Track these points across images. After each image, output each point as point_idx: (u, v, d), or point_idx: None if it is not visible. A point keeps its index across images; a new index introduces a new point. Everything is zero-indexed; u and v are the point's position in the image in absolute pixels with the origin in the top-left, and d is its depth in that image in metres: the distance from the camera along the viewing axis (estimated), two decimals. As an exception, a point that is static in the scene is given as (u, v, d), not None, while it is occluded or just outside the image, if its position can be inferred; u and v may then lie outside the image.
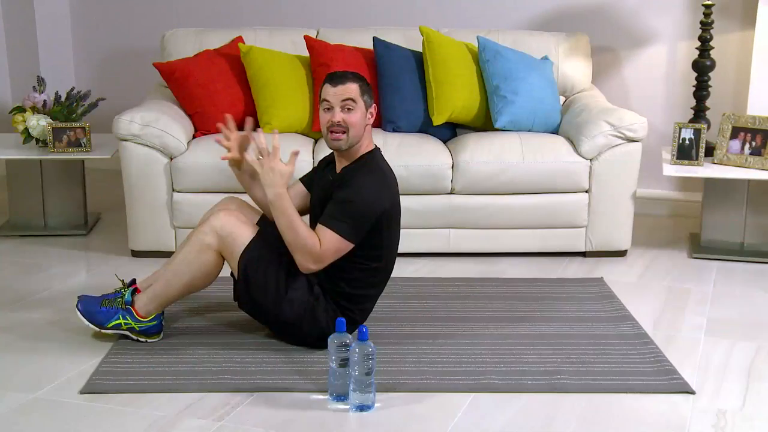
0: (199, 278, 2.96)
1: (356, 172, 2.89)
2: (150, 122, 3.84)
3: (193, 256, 2.92)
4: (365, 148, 2.95)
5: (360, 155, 2.93)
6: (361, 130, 2.89)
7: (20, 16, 5.28)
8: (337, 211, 2.81)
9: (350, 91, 2.86)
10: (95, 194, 4.83)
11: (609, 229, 3.97)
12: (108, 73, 5.49)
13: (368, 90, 2.92)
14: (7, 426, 2.50)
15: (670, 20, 4.60)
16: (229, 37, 4.41)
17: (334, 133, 2.87)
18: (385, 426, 2.52)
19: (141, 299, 2.99)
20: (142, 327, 2.99)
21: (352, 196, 2.82)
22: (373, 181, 2.87)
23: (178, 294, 2.99)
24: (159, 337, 3.05)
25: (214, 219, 2.92)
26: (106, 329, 2.99)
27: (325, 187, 2.98)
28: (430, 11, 4.89)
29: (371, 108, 2.92)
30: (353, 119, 2.86)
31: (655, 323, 3.29)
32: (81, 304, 3.00)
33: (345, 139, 2.87)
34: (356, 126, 2.86)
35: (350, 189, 2.84)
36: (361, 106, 2.88)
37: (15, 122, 4.23)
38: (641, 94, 4.71)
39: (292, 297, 2.89)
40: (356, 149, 2.92)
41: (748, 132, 4.02)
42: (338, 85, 2.87)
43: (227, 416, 2.56)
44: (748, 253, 4.06)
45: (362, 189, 2.84)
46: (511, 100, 4.06)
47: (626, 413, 2.61)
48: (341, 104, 2.85)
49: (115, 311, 2.98)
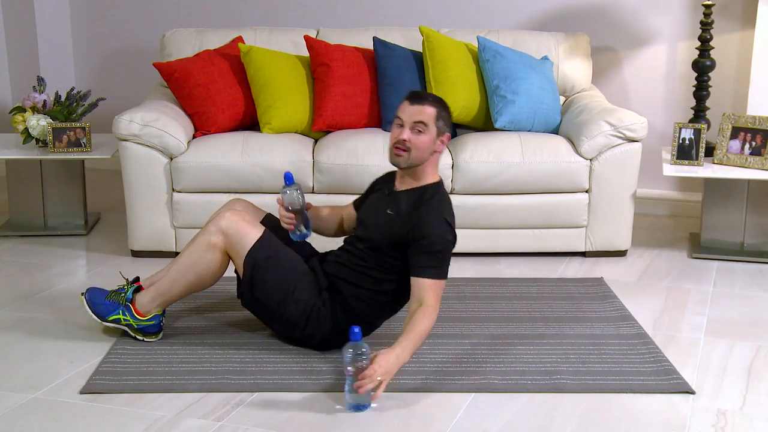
0: (203, 278, 2.97)
1: (429, 210, 2.83)
2: (150, 122, 3.84)
3: (198, 256, 2.93)
4: (430, 177, 2.92)
5: (425, 184, 2.91)
6: (424, 154, 2.85)
7: (20, 16, 5.28)
8: (429, 260, 2.77)
9: (425, 113, 2.84)
10: (95, 194, 4.82)
11: (609, 229, 3.97)
12: (108, 73, 5.49)
13: (445, 117, 2.89)
14: (7, 426, 2.50)
15: (670, 20, 4.60)
16: (229, 37, 4.41)
17: (397, 149, 2.85)
18: (385, 426, 2.52)
19: (143, 297, 3.00)
20: (140, 325, 3.00)
21: (438, 243, 2.78)
22: (447, 218, 2.85)
23: (180, 293, 3.00)
24: (157, 337, 3.05)
25: (220, 219, 2.93)
26: (107, 322, 3.01)
27: (380, 201, 2.97)
28: (430, 11, 4.89)
29: (443, 136, 2.88)
30: (419, 141, 2.83)
31: (655, 323, 3.29)
32: (88, 293, 3.03)
33: (405, 158, 2.85)
34: (420, 149, 2.84)
35: (431, 235, 2.78)
36: (431, 131, 2.84)
37: (15, 122, 4.23)
38: (641, 94, 4.71)
39: (298, 297, 2.89)
40: (419, 173, 2.89)
41: (748, 132, 4.02)
42: (415, 104, 2.85)
43: (227, 416, 2.56)
44: (748, 253, 4.06)
45: (443, 232, 2.80)
46: (511, 100, 4.06)
47: (626, 413, 2.61)
48: (412, 124, 2.83)
49: (116, 306, 3.00)
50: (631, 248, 4.08)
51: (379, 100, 4.17)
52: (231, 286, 3.36)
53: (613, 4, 4.67)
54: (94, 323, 3.19)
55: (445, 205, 2.88)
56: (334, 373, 2.81)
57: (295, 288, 2.89)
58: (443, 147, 2.91)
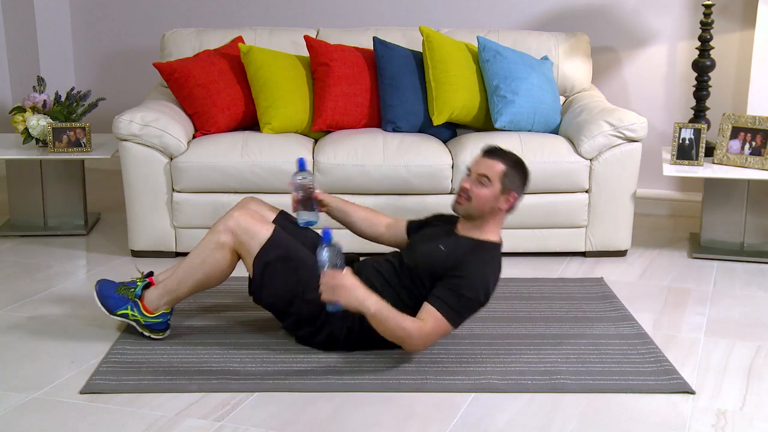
0: (211, 276, 2.97)
1: (477, 261, 2.84)
2: (150, 122, 3.84)
3: (207, 254, 2.93)
4: (491, 233, 2.93)
5: (484, 239, 2.92)
6: (483, 207, 2.87)
7: (20, 16, 5.28)
8: (450, 297, 2.78)
9: (492, 168, 2.87)
10: (95, 194, 4.83)
11: (609, 229, 3.98)
12: (108, 73, 5.49)
13: (515, 177, 2.90)
14: (7, 426, 2.50)
15: (670, 20, 4.60)
16: (229, 37, 4.41)
17: (459, 196, 2.90)
18: (385, 426, 2.52)
19: (152, 294, 3.01)
20: (147, 322, 3.00)
21: (468, 290, 2.79)
22: (490, 279, 2.86)
23: (189, 291, 3.00)
24: (164, 334, 3.05)
25: (229, 218, 2.93)
26: (115, 316, 3.01)
27: (438, 235, 2.98)
28: (430, 11, 4.89)
29: (509, 194, 2.88)
30: (480, 193, 2.86)
31: (655, 323, 3.29)
32: (99, 285, 3.04)
33: (464, 207, 2.88)
34: (480, 201, 2.86)
35: (467, 278, 2.79)
36: (495, 188, 2.86)
37: (15, 122, 4.23)
38: (641, 94, 4.71)
39: (309, 297, 2.87)
40: (480, 225, 2.91)
41: (748, 132, 4.02)
42: (486, 158, 2.90)
43: (227, 416, 2.56)
44: (748, 253, 4.06)
45: (479, 285, 2.81)
46: (511, 100, 4.06)
47: (626, 413, 2.61)
48: (477, 176, 2.87)
49: (125, 300, 3.00)
50: (631, 248, 4.08)
51: (379, 100, 4.17)
52: (231, 286, 3.36)
53: (613, 4, 4.67)
54: (93, 323, 3.20)
55: (493, 267, 2.89)
56: (335, 373, 2.81)
57: (306, 287, 2.88)
58: (508, 206, 2.91)
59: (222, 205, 3.85)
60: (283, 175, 3.79)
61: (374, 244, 3.28)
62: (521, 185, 2.94)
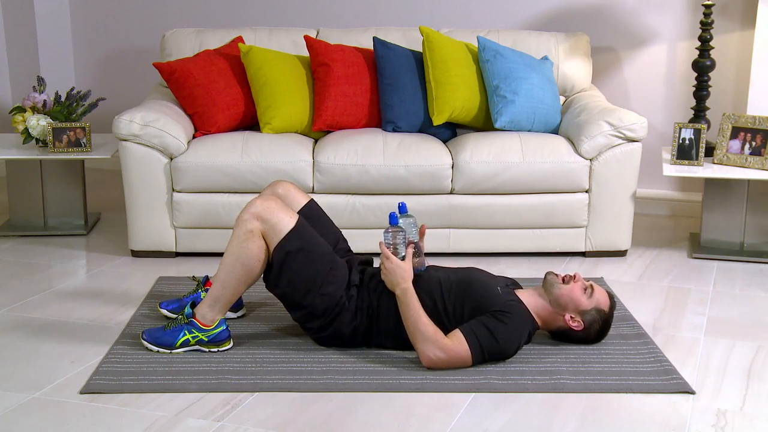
0: (251, 268, 2.90)
1: (520, 319, 2.89)
2: (150, 122, 3.84)
3: (241, 247, 2.88)
4: (536, 314, 2.97)
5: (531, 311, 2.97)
6: (563, 302, 2.94)
7: (20, 16, 5.28)
8: (482, 332, 2.82)
9: (599, 301, 2.96)
10: (95, 194, 4.83)
11: (609, 229, 3.97)
12: (108, 73, 5.49)
13: (596, 325, 2.97)
14: (7, 426, 2.50)
15: (670, 20, 4.60)
16: (229, 37, 4.41)
17: (566, 275, 2.98)
18: (385, 426, 2.52)
19: (201, 308, 2.95)
20: (209, 336, 2.94)
21: (503, 334, 2.83)
22: (521, 341, 2.90)
23: (235, 290, 2.93)
24: (230, 344, 2.98)
25: (254, 204, 2.89)
26: (176, 348, 2.94)
27: (497, 278, 3.10)
28: (430, 11, 4.89)
29: (573, 321, 2.95)
30: (575, 294, 2.93)
31: (655, 323, 3.29)
32: (146, 334, 2.97)
33: (559, 285, 2.96)
34: (568, 296, 2.93)
35: (506, 323, 2.84)
36: (576, 322, 2.95)
37: (15, 122, 4.23)
38: (641, 94, 4.71)
39: (325, 291, 2.87)
40: (535, 303, 2.97)
41: (748, 132, 4.02)
42: (602, 292, 2.99)
43: (227, 416, 2.56)
44: (748, 253, 4.06)
45: (514, 334, 2.86)
46: (511, 100, 4.06)
47: (626, 413, 2.61)
48: (588, 285, 2.96)
49: (179, 329, 2.93)
50: (631, 248, 4.08)
51: (379, 100, 4.17)
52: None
53: (613, 4, 4.67)
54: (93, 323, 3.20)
55: (523, 335, 2.91)
56: (334, 373, 2.81)
57: (324, 281, 2.88)
58: (568, 321, 2.96)
59: (222, 206, 3.85)
60: (283, 175, 3.79)
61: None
62: (590, 332, 2.99)
